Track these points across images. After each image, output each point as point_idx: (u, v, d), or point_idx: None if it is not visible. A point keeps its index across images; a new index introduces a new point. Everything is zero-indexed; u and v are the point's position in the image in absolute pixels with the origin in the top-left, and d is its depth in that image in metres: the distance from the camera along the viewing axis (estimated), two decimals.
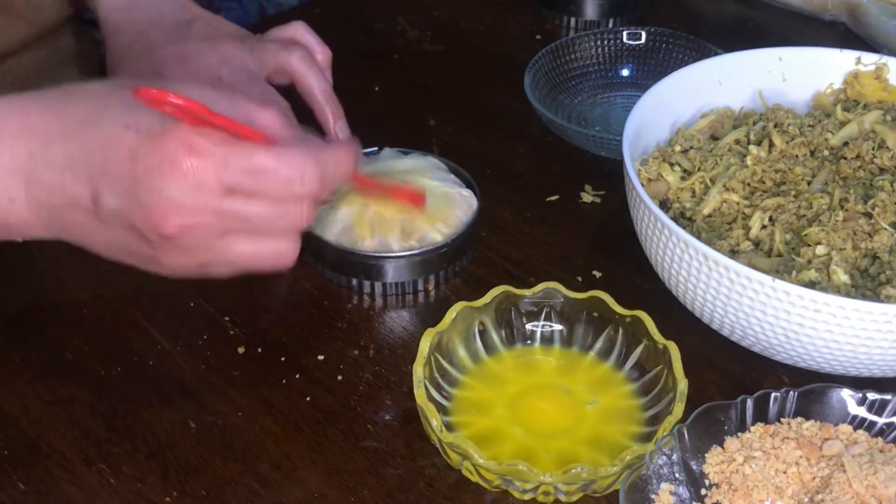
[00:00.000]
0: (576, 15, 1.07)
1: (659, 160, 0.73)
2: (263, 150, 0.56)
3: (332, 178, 0.59)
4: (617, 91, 0.96)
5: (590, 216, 0.82)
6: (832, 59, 0.81)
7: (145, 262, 0.60)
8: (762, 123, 0.76)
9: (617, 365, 0.66)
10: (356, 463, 0.63)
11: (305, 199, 0.58)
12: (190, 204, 0.55)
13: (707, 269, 0.62)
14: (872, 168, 0.72)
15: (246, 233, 0.58)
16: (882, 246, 0.65)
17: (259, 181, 0.56)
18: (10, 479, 0.61)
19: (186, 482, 0.61)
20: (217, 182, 0.55)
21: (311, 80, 0.74)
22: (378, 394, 0.67)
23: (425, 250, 0.72)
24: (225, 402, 0.66)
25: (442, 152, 0.84)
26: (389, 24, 1.08)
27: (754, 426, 0.60)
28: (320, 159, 0.58)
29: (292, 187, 0.57)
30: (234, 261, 0.59)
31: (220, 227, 0.57)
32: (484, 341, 0.67)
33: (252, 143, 0.56)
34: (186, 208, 0.55)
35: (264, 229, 0.58)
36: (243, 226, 0.58)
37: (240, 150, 0.56)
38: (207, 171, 0.55)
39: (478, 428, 0.62)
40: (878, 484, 0.55)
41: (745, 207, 0.70)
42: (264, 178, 0.56)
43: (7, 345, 0.70)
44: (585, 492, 0.59)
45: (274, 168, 0.56)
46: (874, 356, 0.61)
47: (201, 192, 0.55)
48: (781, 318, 0.61)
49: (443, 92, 0.98)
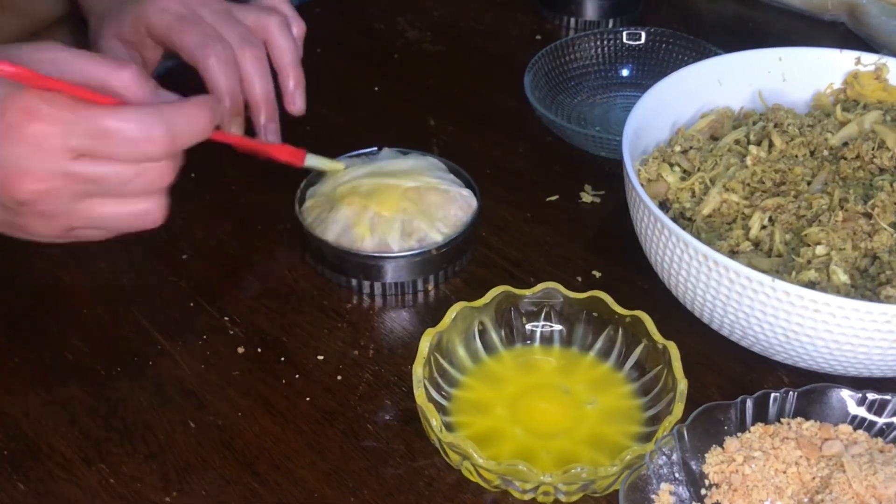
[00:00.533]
0: (576, 15, 1.07)
1: (659, 160, 0.73)
2: (108, 111, 0.57)
3: (185, 136, 0.60)
4: (617, 91, 0.96)
5: (590, 216, 0.82)
6: (832, 59, 0.81)
7: (13, 230, 0.61)
8: (762, 123, 0.76)
9: (617, 365, 0.66)
10: (356, 463, 0.63)
11: (159, 158, 0.59)
12: (38, 168, 0.56)
13: (707, 269, 0.62)
14: (872, 168, 0.72)
15: (106, 195, 0.59)
16: (882, 246, 0.65)
17: (106, 143, 0.57)
18: (10, 479, 0.61)
19: (186, 482, 0.61)
20: (62, 146, 0.56)
21: (283, 45, 0.77)
22: (378, 394, 0.67)
23: (425, 250, 0.72)
24: (224, 401, 0.66)
25: (442, 152, 0.84)
26: (389, 24, 1.08)
27: (754, 426, 0.60)
28: (168, 118, 0.58)
29: (140, 147, 0.58)
30: (100, 224, 0.60)
31: (74, 190, 0.58)
32: (484, 341, 0.67)
33: (98, 106, 0.57)
34: (35, 173, 0.56)
35: (123, 190, 0.59)
36: (100, 188, 0.58)
37: (84, 113, 0.56)
38: (51, 136, 0.56)
39: (478, 428, 0.62)
40: (877, 484, 0.55)
41: (745, 207, 0.70)
42: (111, 140, 0.57)
43: (7, 345, 0.70)
44: (585, 492, 0.59)
45: (118, 129, 0.57)
46: (874, 356, 0.61)
47: (48, 157, 0.56)
48: (781, 318, 0.61)
49: (443, 92, 0.98)
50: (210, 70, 0.73)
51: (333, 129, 0.91)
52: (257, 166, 0.88)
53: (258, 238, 0.79)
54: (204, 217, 0.81)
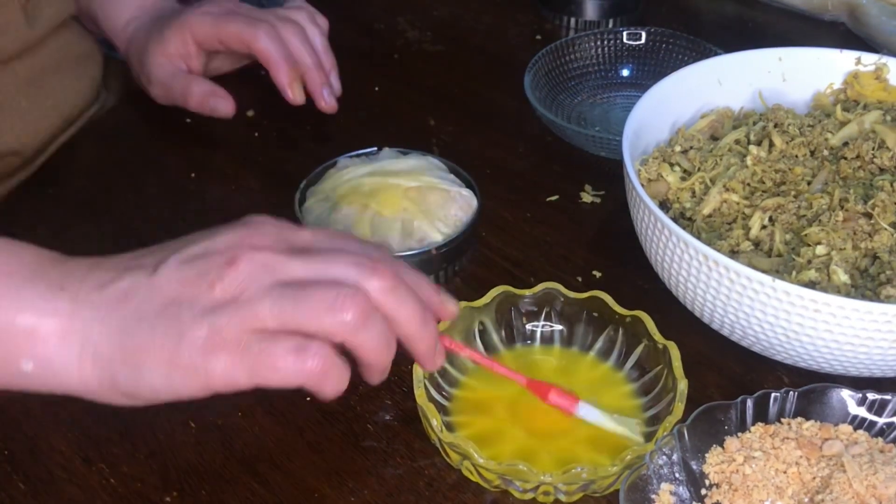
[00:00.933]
0: (576, 15, 1.07)
1: (659, 160, 0.73)
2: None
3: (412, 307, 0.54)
4: (617, 91, 0.96)
5: (590, 216, 0.82)
6: (832, 59, 0.81)
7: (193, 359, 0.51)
8: (762, 123, 0.76)
9: (617, 365, 0.66)
10: (356, 463, 0.62)
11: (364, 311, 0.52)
12: (257, 242, 0.53)
13: (707, 269, 0.62)
14: (872, 168, 0.72)
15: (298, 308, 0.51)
16: (882, 246, 0.65)
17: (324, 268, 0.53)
18: (10, 479, 0.61)
19: (186, 482, 0.61)
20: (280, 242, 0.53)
21: (312, 31, 0.88)
22: (378, 394, 0.67)
23: (425, 250, 0.72)
24: (225, 402, 0.66)
25: (442, 152, 0.84)
26: (389, 24, 1.08)
27: (754, 426, 0.60)
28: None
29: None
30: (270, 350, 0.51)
31: (273, 279, 0.51)
32: (484, 341, 0.67)
33: None
34: (254, 244, 0.52)
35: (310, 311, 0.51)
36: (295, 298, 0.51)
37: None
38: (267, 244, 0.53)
39: (478, 428, 0.62)
40: (878, 484, 0.55)
41: (745, 207, 0.70)
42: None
43: None
44: (585, 492, 0.59)
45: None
46: (874, 356, 0.61)
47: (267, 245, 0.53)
48: (781, 318, 0.61)
49: (443, 92, 0.98)
50: (260, 43, 0.83)
51: (333, 129, 0.91)
52: (256, 165, 0.88)
53: None
54: (204, 217, 0.81)
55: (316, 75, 0.86)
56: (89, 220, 0.82)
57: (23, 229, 0.70)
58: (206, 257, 0.52)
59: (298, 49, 0.85)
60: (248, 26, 0.84)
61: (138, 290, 0.51)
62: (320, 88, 0.86)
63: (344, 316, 0.51)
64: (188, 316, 0.50)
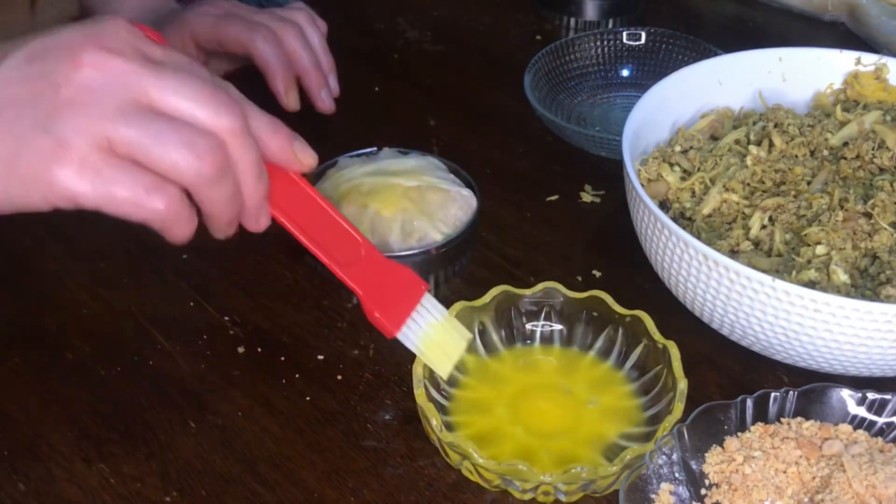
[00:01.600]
0: (576, 15, 1.07)
1: (659, 160, 0.73)
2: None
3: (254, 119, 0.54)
4: (617, 91, 0.96)
5: (590, 216, 0.82)
6: (832, 59, 0.81)
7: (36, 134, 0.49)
8: (762, 123, 0.76)
9: (617, 365, 0.66)
10: (356, 463, 0.63)
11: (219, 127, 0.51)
12: (112, 45, 0.50)
13: (707, 269, 0.62)
14: (872, 168, 0.72)
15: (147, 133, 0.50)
16: (882, 246, 0.65)
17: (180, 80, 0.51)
18: (10, 479, 0.61)
19: (186, 482, 0.61)
20: (136, 51, 0.51)
21: (310, 32, 0.86)
22: (378, 394, 0.67)
23: (425, 250, 0.72)
24: (225, 401, 0.66)
25: (442, 152, 0.84)
26: (389, 24, 1.08)
27: (754, 426, 0.60)
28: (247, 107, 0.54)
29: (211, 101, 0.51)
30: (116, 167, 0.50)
31: (126, 96, 0.49)
32: (484, 341, 0.67)
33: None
34: (108, 47, 0.50)
35: (160, 138, 0.49)
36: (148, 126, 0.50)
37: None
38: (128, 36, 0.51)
39: (478, 428, 0.62)
40: (878, 484, 0.55)
41: (745, 207, 0.70)
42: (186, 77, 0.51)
43: (7, 345, 0.70)
44: (585, 492, 0.59)
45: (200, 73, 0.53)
46: (874, 356, 0.61)
47: (126, 41, 0.51)
48: (781, 317, 0.61)
49: (443, 92, 0.98)
50: (258, 47, 0.82)
51: (333, 129, 0.91)
52: None
53: (258, 238, 0.79)
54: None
55: (314, 76, 0.85)
56: (89, 220, 0.81)
57: None
58: (51, 53, 0.49)
59: (296, 50, 0.85)
60: (247, 30, 0.83)
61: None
62: (318, 90, 0.86)
63: (201, 165, 0.49)
64: (29, 121, 0.48)
